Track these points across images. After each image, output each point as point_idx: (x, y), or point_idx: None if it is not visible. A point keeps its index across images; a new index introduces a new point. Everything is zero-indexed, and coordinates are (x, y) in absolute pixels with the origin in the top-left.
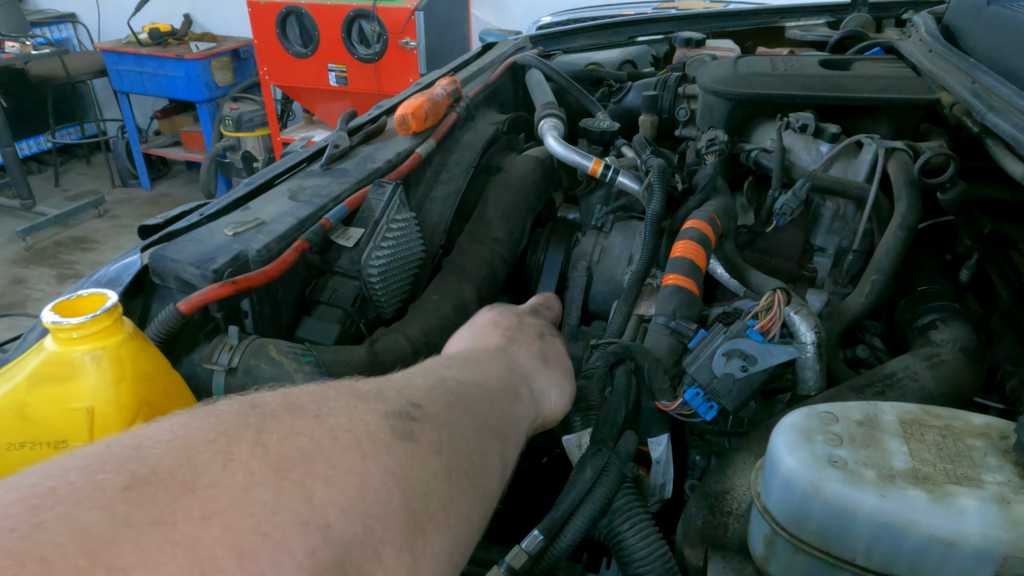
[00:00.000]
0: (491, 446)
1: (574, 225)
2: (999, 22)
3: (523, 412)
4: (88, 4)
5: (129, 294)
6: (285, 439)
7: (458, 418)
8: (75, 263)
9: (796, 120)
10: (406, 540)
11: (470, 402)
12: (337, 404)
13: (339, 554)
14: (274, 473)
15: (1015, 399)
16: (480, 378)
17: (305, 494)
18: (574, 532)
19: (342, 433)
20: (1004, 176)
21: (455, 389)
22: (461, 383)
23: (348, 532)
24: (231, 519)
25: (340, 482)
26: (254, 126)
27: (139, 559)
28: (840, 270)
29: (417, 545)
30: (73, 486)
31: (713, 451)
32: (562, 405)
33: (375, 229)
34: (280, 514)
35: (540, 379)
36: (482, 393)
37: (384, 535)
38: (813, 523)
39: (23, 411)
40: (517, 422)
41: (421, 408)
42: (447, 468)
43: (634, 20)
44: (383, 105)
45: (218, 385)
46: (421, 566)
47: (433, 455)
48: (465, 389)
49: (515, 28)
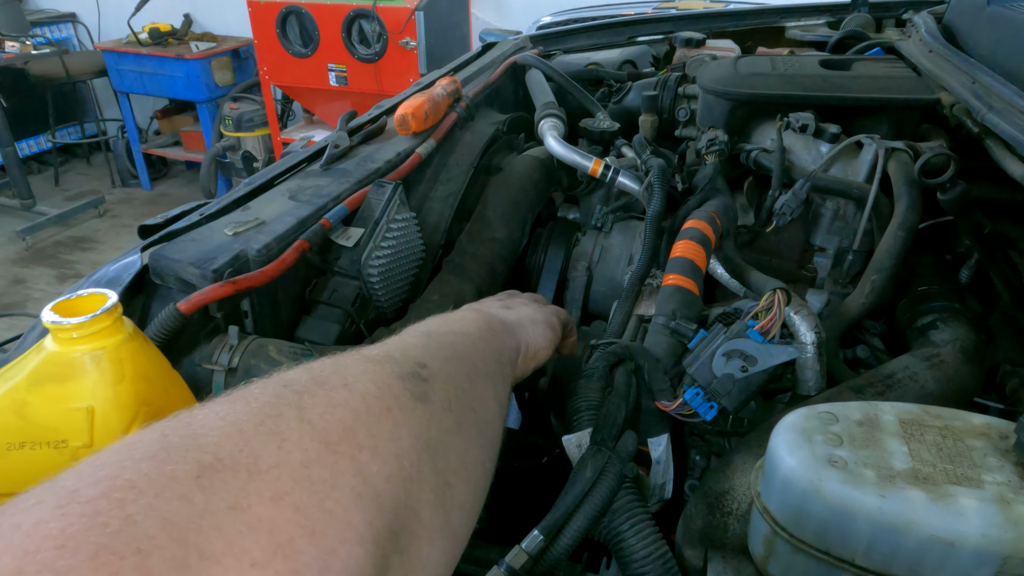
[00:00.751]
0: (486, 390)
1: (574, 225)
2: (999, 22)
3: (502, 344)
4: (88, 4)
5: (129, 294)
6: (326, 412)
7: (455, 370)
8: (75, 263)
9: (796, 120)
10: (437, 497)
11: (459, 351)
12: (358, 371)
13: (389, 520)
14: (325, 448)
15: (1015, 399)
16: (458, 327)
17: (356, 467)
18: (574, 532)
19: (372, 400)
20: (1004, 176)
21: (444, 343)
22: (446, 335)
23: (394, 498)
24: (299, 498)
25: (381, 451)
26: (254, 126)
27: (225, 545)
28: (840, 270)
29: (447, 499)
30: (148, 478)
31: (713, 451)
32: (539, 333)
33: (375, 229)
34: (339, 489)
35: (508, 314)
36: (465, 340)
37: (420, 495)
38: (813, 523)
39: (23, 411)
40: (499, 355)
41: (427, 367)
42: (457, 423)
43: (634, 20)
44: (383, 105)
45: (218, 385)
46: (451, 517)
47: (444, 413)
48: (451, 340)
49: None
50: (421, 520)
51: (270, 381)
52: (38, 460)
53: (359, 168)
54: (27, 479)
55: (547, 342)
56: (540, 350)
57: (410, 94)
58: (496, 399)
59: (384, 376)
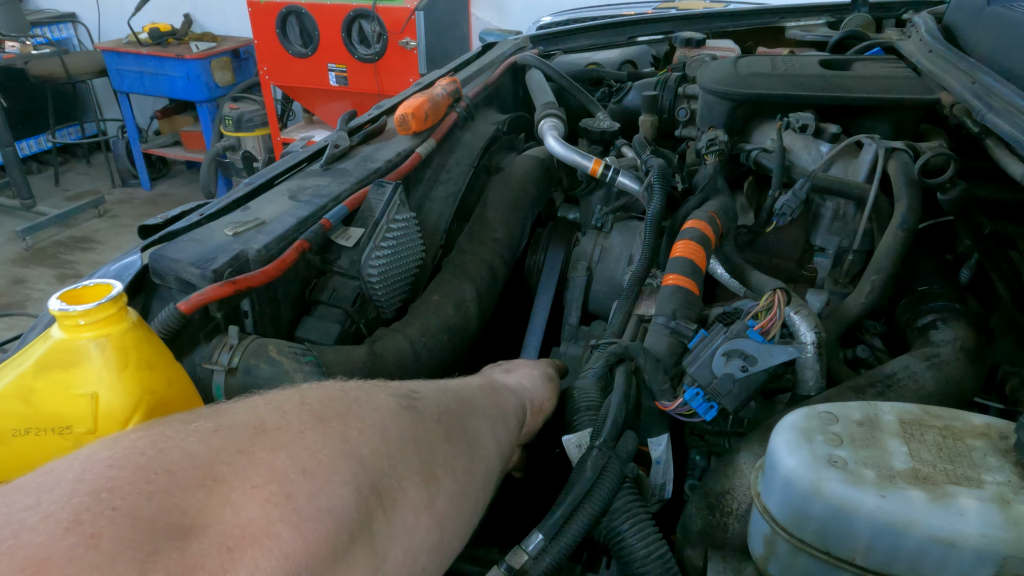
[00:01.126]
0: (481, 423)
1: (574, 225)
2: (999, 22)
3: (504, 400)
4: (88, 4)
5: (129, 293)
6: (322, 401)
7: (447, 399)
8: (75, 263)
9: (796, 120)
10: (422, 479)
11: (456, 391)
12: (355, 384)
13: (373, 479)
14: (319, 422)
15: (1015, 399)
16: (459, 383)
17: (344, 436)
18: (574, 532)
19: (364, 401)
20: (1004, 176)
21: (442, 385)
22: (444, 383)
23: (378, 464)
24: (294, 450)
25: (368, 431)
26: (254, 126)
27: (232, 473)
28: (840, 270)
29: (431, 484)
30: (177, 429)
31: (713, 451)
32: (540, 386)
33: (375, 229)
34: (328, 448)
35: (507, 377)
36: (464, 387)
37: (404, 473)
38: (813, 523)
39: (29, 397)
40: (502, 408)
41: (418, 393)
42: (447, 433)
43: (634, 20)
44: (383, 105)
45: (218, 385)
46: (436, 502)
47: (434, 423)
48: (449, 385)
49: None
50: (405, 492)
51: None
52: (43, 446)
53: (359, 168)
54: (32, 465)
55: (550, 393)
56: (545, 402)
57: (410, 94)
58: (494, 437)
59: (377, 390)
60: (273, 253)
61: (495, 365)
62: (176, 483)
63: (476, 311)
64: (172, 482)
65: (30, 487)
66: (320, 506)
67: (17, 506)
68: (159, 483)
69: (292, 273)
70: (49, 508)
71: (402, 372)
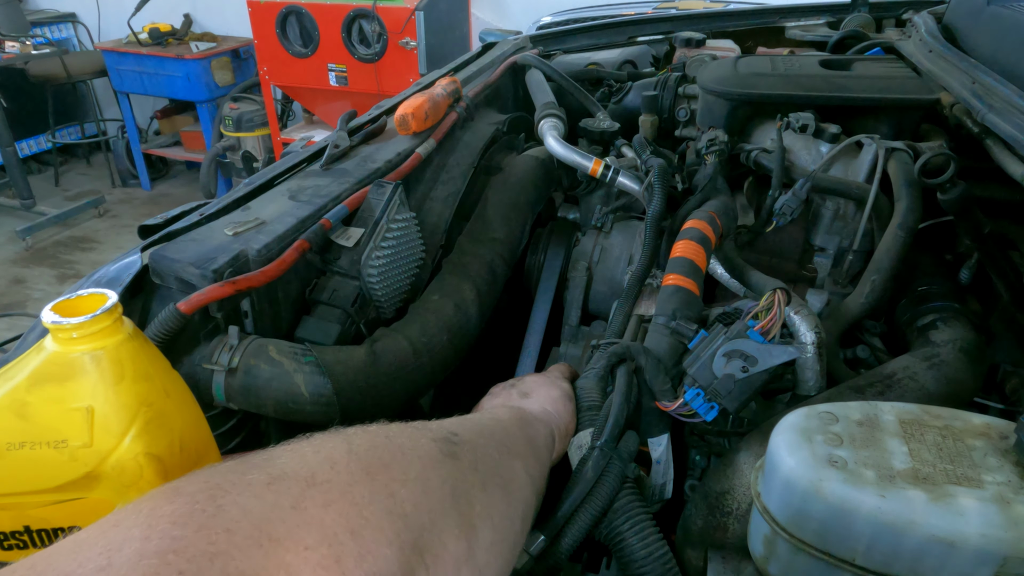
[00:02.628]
0: (514, 463)
1: (574, 225)
2: (999, 22)
3: (535, 432)
4: (88, 4)
5: (129, 294)
6: (370, 449)
7: (484, 442)
8: (75, 263)
9: (796, 120)
10: (462, 531)
11: (490, 429)
12: (397, 429)
13: (415, 536)
14: (366, 475)
15: (1015, 399)
16: (491, 417)
17: (389, 491)
18: (575, 532)
19: (408, 449)
20: (1004, 176)
21: (478, 424)
22: (479, 420)
23: (420, 520)
24: (343, 506)
25: (411, 485)
26: (254, 126)
27: (287, 532)
28: (840, 270)
29: (471, 536)
30: (232, 482)
31: (713, 451)
32: (563, 409)
33: (375, 229)
34: (374, 504)
35: (531, 404)
36: (496, 423)
37: (444, 526)
38: (813, 523)
39: (23, 411)
40: (532, 441)
41: (458, 435)
42: (483, 482)
43: (634, 20)
44: (383, 105)
45: (218, 385)
46: (476, 553)
47: (471, 471)
48: (484, 423)
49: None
50: (445, 546)
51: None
52: (38, 460)
53: (359, 168)
54: (27, 478)
55: (570, 414)
56: (569, 424)
57: (410, 94)
58: (527, 474)
59: (419, 435)
60: (273, 253)
61: (508, 386)
62: (235, 544)
63: (476, 311)
64: (232, 543)
65: (99, 544)
66: (367, 569)
67: (90, 566)
68: (220, 544)
69: (292, 273)
70: (120, 570)
71: (402, 372)
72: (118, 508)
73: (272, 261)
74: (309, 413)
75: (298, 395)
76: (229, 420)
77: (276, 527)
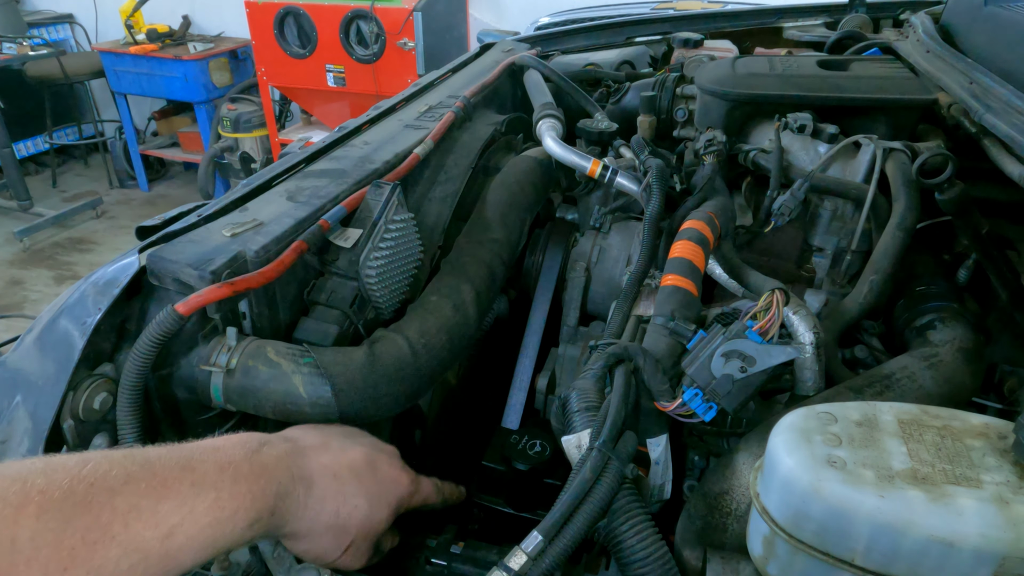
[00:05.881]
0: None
1: (572, 226)
2: (996, 22)
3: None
4: (86, 5)
5: (127, 295)
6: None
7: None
8: (73, 264)
9: (794, 120)
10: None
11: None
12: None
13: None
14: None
15: (1013, 399)
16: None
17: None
18: (574, 533)
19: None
20: (1002, 176)
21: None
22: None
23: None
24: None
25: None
26: (252, 127)
27: None
28: (838, 270)
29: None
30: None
31: (712, 452)
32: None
33: (373, 230)
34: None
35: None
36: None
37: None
38: (812, 523)
39: None
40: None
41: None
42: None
43: (632, 21)
44: (381, 106)
45: (216, 386)
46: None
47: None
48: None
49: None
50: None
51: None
52: None
53: (357, 169)
54: None
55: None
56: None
57: (408, 94)
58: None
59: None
60: (271, 254)
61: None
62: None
63: (475, 311)
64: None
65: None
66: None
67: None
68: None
69: (290, 274)
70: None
71: (401, 373)
72: None
73: (270, 262)
74: (308, 414)
75: (297, 396)
76: (227, 421)
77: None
